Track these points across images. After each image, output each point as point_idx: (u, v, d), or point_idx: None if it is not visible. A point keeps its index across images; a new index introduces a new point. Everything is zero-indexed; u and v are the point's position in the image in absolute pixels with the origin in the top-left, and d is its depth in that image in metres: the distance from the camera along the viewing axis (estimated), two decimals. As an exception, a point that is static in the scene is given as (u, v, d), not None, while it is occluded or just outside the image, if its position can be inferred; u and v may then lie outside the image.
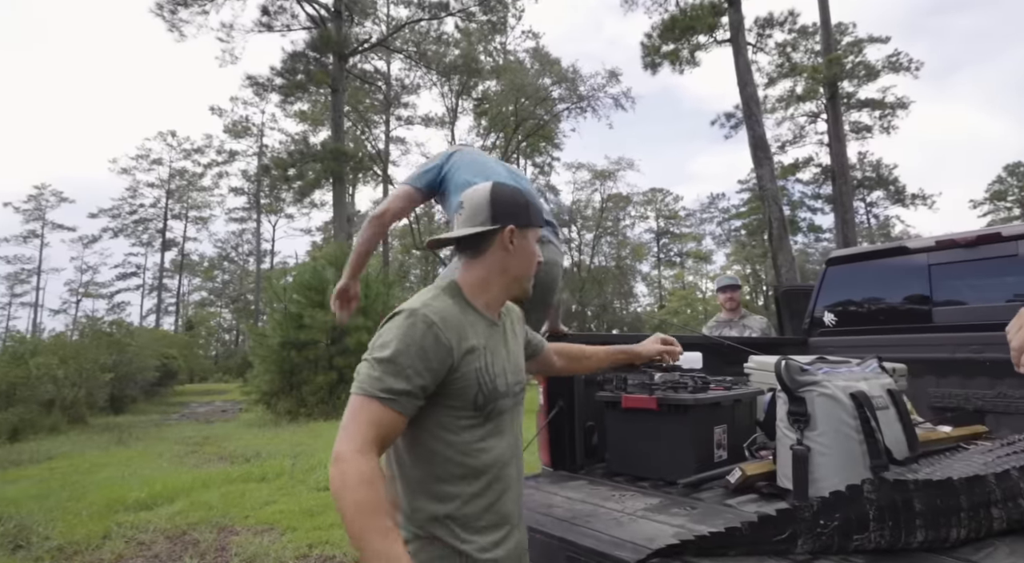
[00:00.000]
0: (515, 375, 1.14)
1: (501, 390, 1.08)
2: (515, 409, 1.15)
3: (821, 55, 20.24)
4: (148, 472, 6.07)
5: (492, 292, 1.13)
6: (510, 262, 1.12)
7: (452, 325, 1.02)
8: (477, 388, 1.03)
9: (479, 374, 1.04)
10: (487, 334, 1.09)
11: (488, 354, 1.07)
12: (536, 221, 1.17)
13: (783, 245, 14.14)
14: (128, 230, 40.39)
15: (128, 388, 15.09)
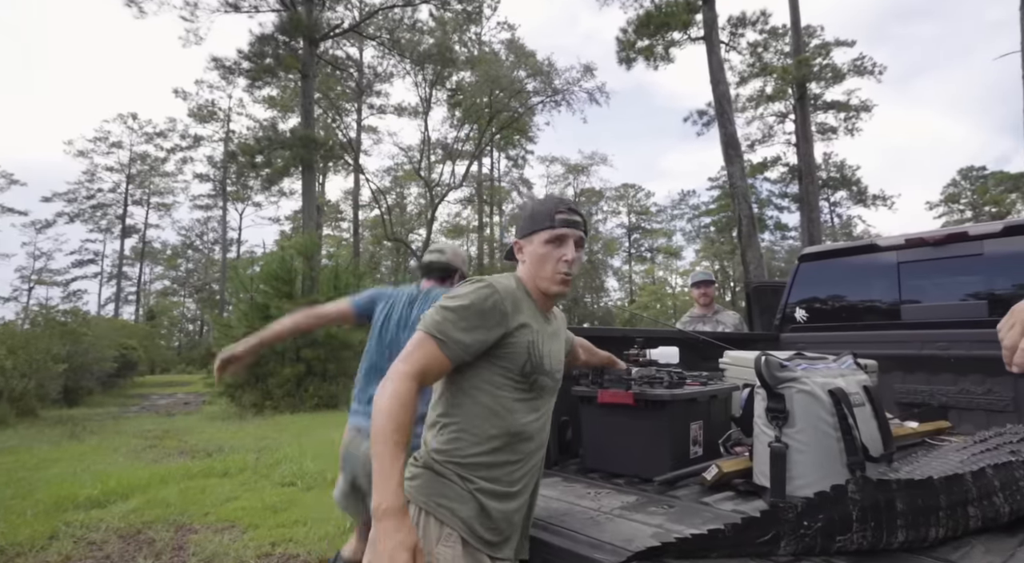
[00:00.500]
0: (558, 364, 1.30)
1: (546, 368, 1.23)
2: (552, 393, 1.28)
3: (791, 56, 20.65)
4: (102, 467, 5.81)
5: (534, 288, 1.27)
6: (528, 267, 1.28)
7: (513, 300, 1.19)
8: (527, 357, 1.18)
9: (530, 346, 1.19)
10: (540, 321, 1.25)
11: (539, 335, 1.22)
12: (536, 226, 1.27)
13: (752, 242, 14.41)
14: (85, 215, 38.72)
15: (84, 379, 14.49)
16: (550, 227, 1.25)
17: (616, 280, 43.63)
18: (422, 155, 29.01)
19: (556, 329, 1.35)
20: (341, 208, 37.35)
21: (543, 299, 1.29)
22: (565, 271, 1.24)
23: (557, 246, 1.25)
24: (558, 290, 1.25)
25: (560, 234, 1.24)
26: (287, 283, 11.67)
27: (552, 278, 1.24)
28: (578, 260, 1.27)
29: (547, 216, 1.26)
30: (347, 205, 35.17)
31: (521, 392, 1.19)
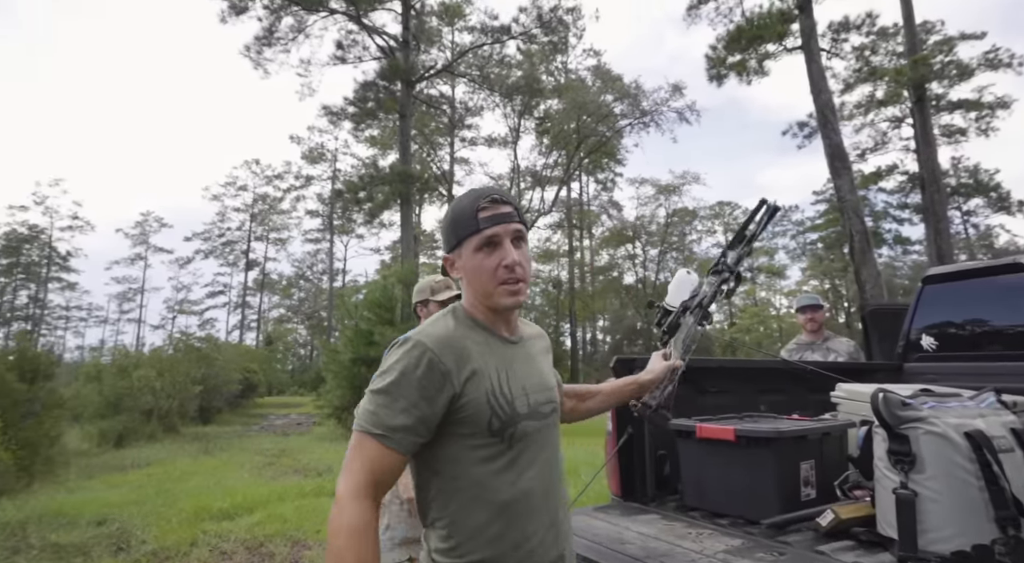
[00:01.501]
0: (542, 394, 1.05)
1: (522, 411, 0.98)
2: (545, 433, 1.04)
3: (904, 56, 18.98)
4: (231, 482, 6.40)
5: (482, 310, 1.05)
6: (467, 285, 1.05)
7: (452, 349, 0.96)
8: (491, 412, 0.95)
9: (490, 396, 0.95)
10: (500, 352, 1.02)
11: (500, 373, 0.99)
12: (460, 234, 1.03)
13: (866, 259, 13.22)
14: (217, 252, 43.63)
15: (215, 400, 16.08)
16: (475, 231, 1.00)
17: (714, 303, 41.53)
18: (512, 183, 29.72)
19: (530, 348, 1.11)
20: (436, 237, 39.01)
21: (497, 317, 1.05)
22: (509, 278, 1.00)
23: (491, 251, 1.00)
24: (510, 303, 1.01)
25: (489, 236, 0.99)
26: (388, 310, 12.31)
27: (497, 291, 1.00)
28: (526, 258, 1.03)
29: (469, 218, 1.01)
30: (442, 234, 36.60)
31: (500, 456, 0.96)
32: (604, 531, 1.49)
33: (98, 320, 46.51)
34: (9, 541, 4.12)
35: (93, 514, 4.81)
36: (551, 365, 1.17)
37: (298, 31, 19.44)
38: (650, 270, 35.97)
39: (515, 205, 1.04)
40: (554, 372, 1.20)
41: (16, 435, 6.39)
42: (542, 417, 1.03)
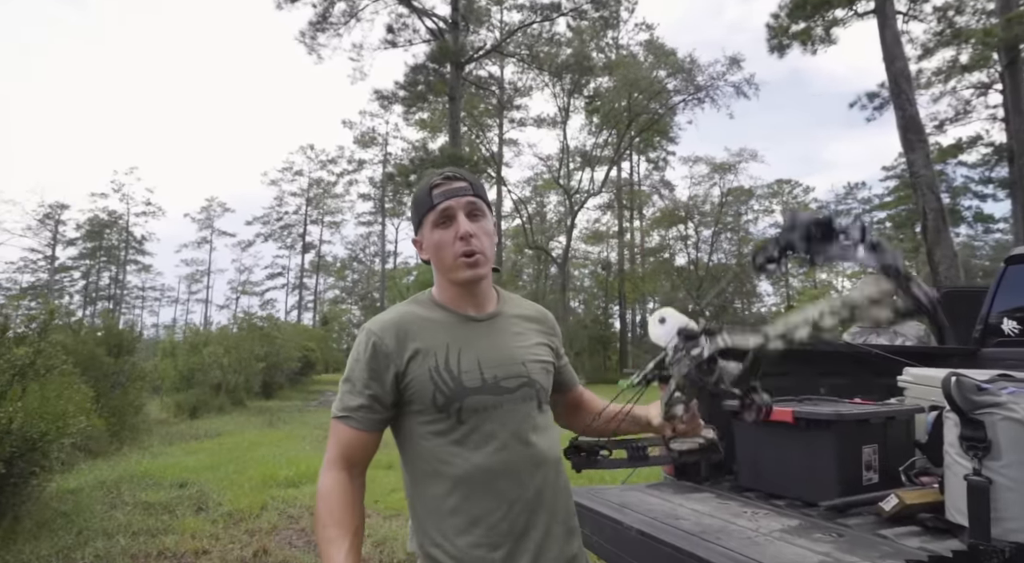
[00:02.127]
0: (504, 369, 1.02)
1: (470, 385, 0.99)
2: (509, 408, 1.01)
3: (996, 15, 17.38)
4: (293, 453, 6.78)
5: (447, 289, 1.07)
6: (432, 263, 1.07)
7: (396, 330, 1.01)
8: (433, 387, 0.98)
9: (433, 373, 0.98)
10: (458, 330, 1.04)
11: (452, 350, 1.00)
12: (420, 213, 1.06)
13: (941, 239, 12.38)
14: (275, 235, 45.55)
15: (276, 376, 16.93)
16: (430, 207, 1.03)
17: (770, 284, 40.10)
18: (561, 163, 29.43)
19: (504, 325, 1.08)
20: (485, 219, 39.18)
21: (464, 295, 1.06)
22: (464, 251, 1.00)
23: (447, 226, 1.02)
24: (467, 276, 1.01)
25: (443, 209, 1.02)
26: (439, 292, 12.52)
27: (455, 265, 1.01)
28: (484, 231, 1.04)
29: (425, 196, 1.04)
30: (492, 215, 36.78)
31: (451, 431, 0.99)
32: (659, 507, 1.51)
33: (170, 300, 49.81)
34: (107, 497, 4.54)
35: (175, 477, 5.22)
36: (538, 344, 1.11)
37: (350, 16, 19.76)
38: (703, 251, 34.97)
39: (471, 180, 1.06)
40: (565, 368, 1.20)
41: (107, 404, 6.98)
42: (503, 392, 1.01)
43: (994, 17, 17.45)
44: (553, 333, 1.18)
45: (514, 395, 1.02)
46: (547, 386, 1.10)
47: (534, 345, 1.10)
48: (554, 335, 1.18)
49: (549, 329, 1.17)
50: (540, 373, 1.07)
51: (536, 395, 1.06)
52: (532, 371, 1.06)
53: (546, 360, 1.11)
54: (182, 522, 3.96)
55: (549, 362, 1.12)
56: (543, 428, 1.06)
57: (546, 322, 1.18)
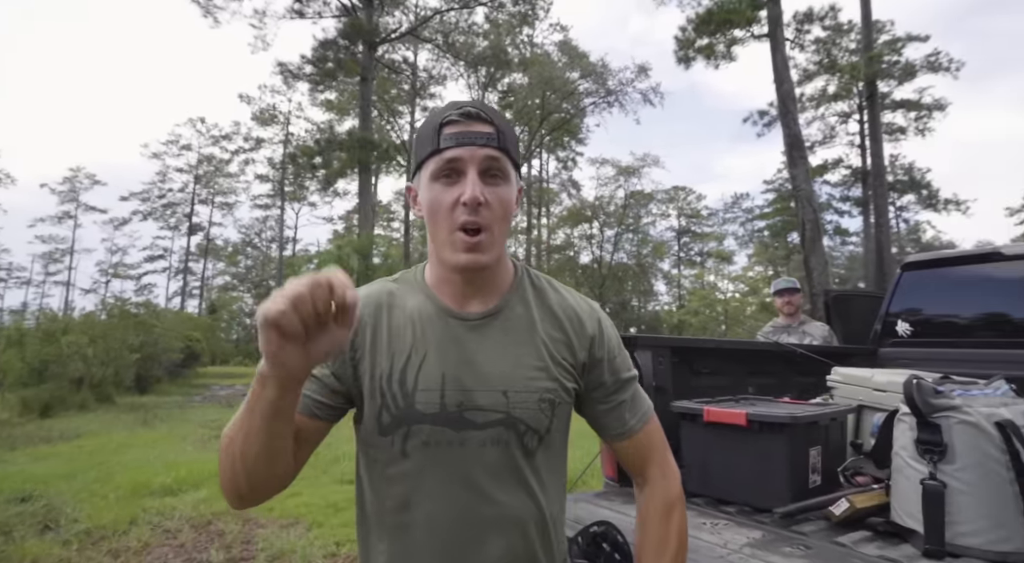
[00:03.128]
0: (471, 395, 0.74)
1: (423, 410, 0.73)
2: (469, 453, 0.74)
3: (858, 53, 19.60)
4: (173, 456, 6.05)
5: (435, 269, 0.80)
6: (427, 226, 0.77)
7: (362, 310, 0.74)
8: (380, 401, 0.74)
9: (381, 382, 0.74)
10: (434, 328, 0.76)
11: (409, 355, 0.75)
12: (419, 155, 0.77)
13: (816, 248, 13.72)
14: (157, 214, 41.11)
15: (153, 369, 15.28)
16: (434, 152, 0.74)
17: (665, 284, 42.67)
18: (473, 156, 29.23)
19: (498, 330, 0.78)
20: (392, 208, 38.13)
21: (452, 280, 0.78)
22: (464, 222, 0.72)
23: (450, 183, 0.73)
24: (461, 261, 0.73)
25: (449, 159, 0.73)
26: (343, 281, 11.92)
27: (448, 239, 0.74)
28: (500, 200, 0.74)
29: (431, 134, 0.75)
30: (399, 205, 35.87)
31: (391, 463, 0.75)
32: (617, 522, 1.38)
33: (19, 281, 43.34)
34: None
35: (15, 490, 4.41)
36: (545, 361, 0.78)
37: (252, -22, 18.19)
38: (606, 251, 36.41)
39: (500, 125, 0.75)
40: (552, 380, 0.78)
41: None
42: (466, 426, 0.74)
43: (856, 55, 19.69)
44: (582, 345, 0.81)
45: (481, 434, 0.75)
46: (542, 428, 0.77)
47: (534, 365, 0.78)
48: (582, 348, 0.81)
49: (576, 337, 0.81)
50: (531, 409, 0.76)
51: (519, 439, 0.76)
52: (517, 404, 0.76)
53: (550, 390, 0.78)
54: (20, 546, 3.29)
55: (554, 393, 0.78)
56: (520, 481, 0.76)
57: (576, 326, 0.82)
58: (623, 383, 0.85)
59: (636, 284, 37.75)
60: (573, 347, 0.81)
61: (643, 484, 0.86)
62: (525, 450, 0.77)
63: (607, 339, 0.84)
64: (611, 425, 0.84)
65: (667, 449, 0.88)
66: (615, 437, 0.85)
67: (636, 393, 0.86)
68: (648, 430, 0.86)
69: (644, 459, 0.85)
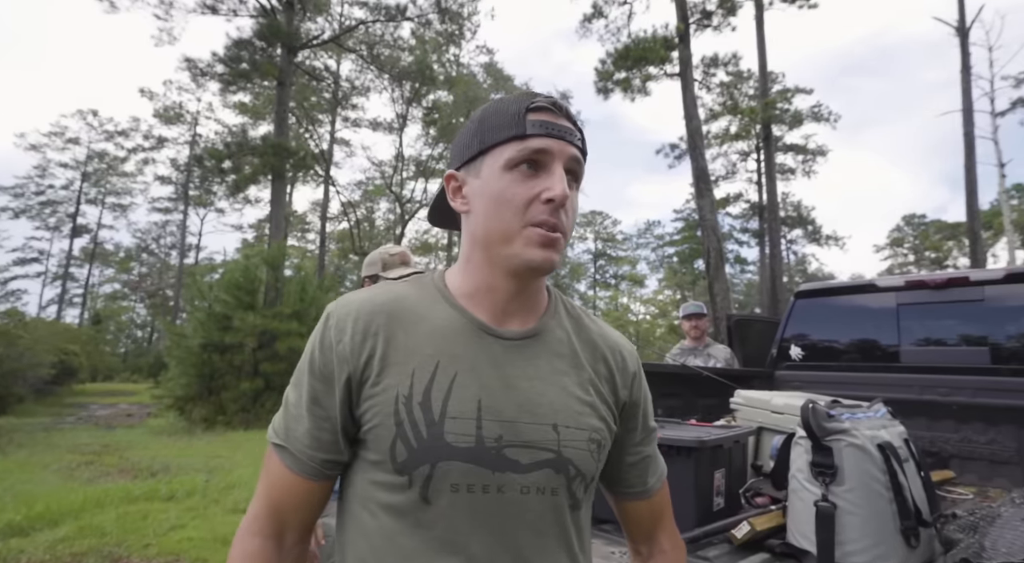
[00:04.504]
0: (516, 428, 0.62)
1: (454, 442, 0.60)
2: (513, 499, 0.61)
3: (756, 99, 21.52)
4: (28, 487, 5.28)
5: (478, 273, 0.67)
6: (474, 224, 0.67)
7: (368, 321, 0.64)
8: (395, 431, 0.60)
9: (400, 405, 0.60)
10: (460, 344, 0.64)
11: (435, 375, 0.62)
12: (489, 138, 0.66)
13: (719, 274, 14.68)
14: (32, 211, 36.73)
15: (15, 386, 13.46)
16: (518, 136, 0.64)
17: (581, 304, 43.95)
18: (395, 171, 28.78)
19: (540, 353, 0.68)
20: (308, 219, 36.61)
21: (498, 289, 0.67)
22: (545, 220, 0.63)
23: (531, 175, 0.64)
24: (535, 258, 0.63)
25: (538, 149, 0.64)
26: (250, 293, 11.19)
27: (524, 235, 0.63)
28: (574, 206, 0.67)
29: (511, 118, 0.65)
30: (315, 216, 34.52)
31: (406, 513, 0.61)
32: None
33: None
34: None
35: None
36: (591, 396, 0.68)
37: (159, -35, 17.01)
38: (526, 270, 36.95)
39: (580, 128, 0.68)
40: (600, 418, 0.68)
41: None
42: (508, 467, 0.61)
43: (754, 100, 21.67)
44: (624, 383, 0.72)
45: (526, 477, 0.61)
46: (590, 474, 0.66)
47: (584, 399, 0.67)
48: (624, 386, 0.72)
49: (619, 374, 0.72)
50: (581, 450, 0.65)
51: (567, 486, 0.64)
52: (568, 442, 0.64)
53: (597, 429, 0.67)
54: None
55: (601, 433, 0.67)
56: (564, 542, 0.64)
57: (618, 362, 0.72)
58: (651, 433, 0.78)
59: (554, 304, 38.54)
60: (616, 385, 0.71)
61: (650, 555, 0.78)
62: (573, 500, 0.65)
63: (643, 380, 0.76)
64: (632, 481, 0.76)
65: (672, 517, 0.81)
66: (633, 496, 0.76)
67: (656, 449, 0.80)
68: (664, 492, 0.79)
69: (656, 525, 0.78)
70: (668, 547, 0.78)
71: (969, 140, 15.50)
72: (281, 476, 0.64)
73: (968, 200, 15.41)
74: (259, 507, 0.65)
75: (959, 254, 32.32)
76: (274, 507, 0.64)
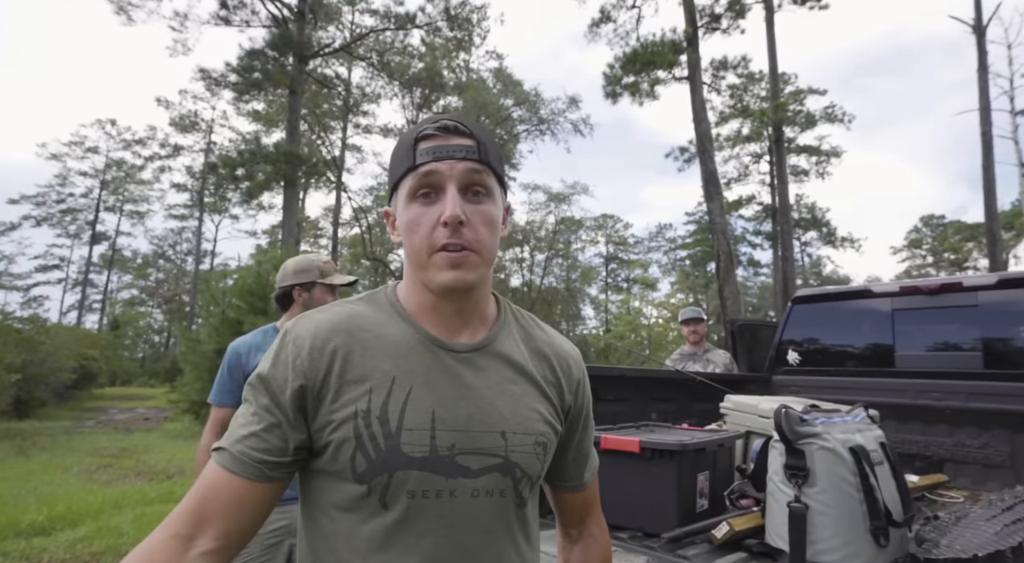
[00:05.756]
0: (468, 437, 0.67)
1: (410, 453, 0.65)
2: (461, 503, 0.66)
3: (768, 101, 21.42)
4: (50, 489, 5.45)
5: (416, 292, 0.72)
6: (405, 244, 0.71)
7: (325, 340, 0.67)
8: (355, 445, 0.64)
9: (359, 420, 0.64)
10: (413, 359, 0.69)
11: (391, 390, 0.66)
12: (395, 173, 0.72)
13: (730, 278, 14.62)
14: (54, 220, 37.56)
15: (37, 390, 13.78)
16: (409, 168, 0.69)
17: (592, 308, 43.86)
18: (406, 176, 29.03)
19: (489, 364, 0.72)
20: (321, 225, 36.98)
21: (436, 305, 0.71)
22: (446, 243, 0.67)
23: (429, 201, 0.68)
24: (446, 280, 0.67)
25: (425, 173, 0.68)
26: (261, 299, 11.34)
27: (431, 262, 0.68)
28: (484, 219, 0.69)
29: (405, 151, 0.70)
30: (327, 222, 34.86)
31: (367, 519, 0.65)
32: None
33: None
34: None
35: None
36: (538, 403, 0.74)
37: (175, -20, 17.37)
38: (536, 274, 36.98)
39: (480, 137, 0.70)
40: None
41: None
42: (460, 473, 0.66)
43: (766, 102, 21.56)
44: (570, 388, 0.78)
45: (476, 481, 0.67)
46: (535, 475, 0.72)
47: (531, 405, 0.72)
48: (570, 391, 0.78)
49: (564, 380, 0.78)
50: (528, 453, 0.70)
51: (514, 487, 0.69)
52: (515, 448, 0.69)
53: (543, 433, 0.72)
54: None
55: (547, 437, 0.73)
56: (510, 537, 0.69)
57: (564, 369, 0.78)
58: (590, 433, 0.84)
59: (565, 308, 38.52)
60: (562, 390, 0.77)
61: (578, 538, 0.86)
62: (519, 500, 0.70)
63: (587, 385, 0.82)
64: (571, 476, 0.82)
65: (600, 504, 0.89)
66: (569, 488, 0.83)
67: (592, 446, 0.87)
68: (595, 484, 0.87)
69: (587, 512, 0.86)
70: (596, 531, 0.86)
71: (987, 139, 15.30)
72: (213, 475, 0.64)
73: (986, 200, 15.20)
74: (180, 507, 0.64)
75: (979, 255, 31.75)
76: (195, 506, 0.63)
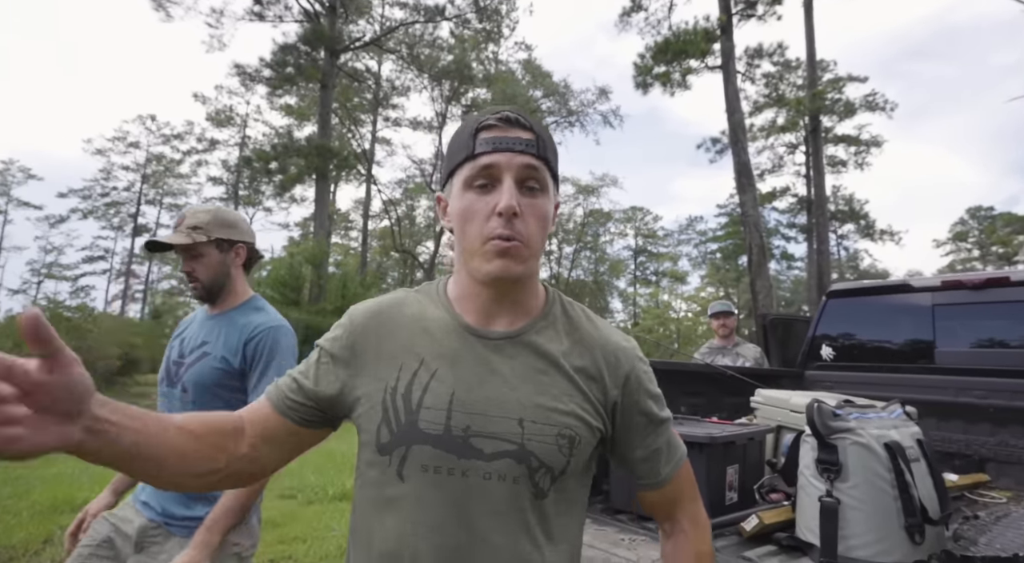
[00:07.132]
0: (482, 420, 0.69)
1: (426, 429, 0.69)
2: (470, 484, 0.68)
3: (804, 89, 20.78)
4: (101, 469, 5.70)
5: (463, 280, 0.76)
6: (455, 238, 0.75)
7: (367, 323, 0.77)
8: (382, 416, 0.70)
9: (386, 395, 0.71)
10: (444, 343, 0.73)
11: (418, 370, 0.72)
12: (451, 161, 0.75)
13: (762, 271, 14.33)
14: (99, 212, 39.11)
15: (86, 377, 14.43)
16: (468, 157, 0.71)
17: (620, 301, 43.51)
18: (434, 169, 29.21)
19: (520, 355, 0.73)
20: (351, 217, 37.57)
21: (478, 294, 0.75)
22: (499, 233, 0.68)
23: (485, 191, 0.71)
24: (493, 269, 0.69)
25: (484, 165, 0.70)
26: (294, 289, 11.67)
27: (480, 249, 0.70)
28: (536, 213, 0.71)
29: (464, 140, 0.73)
30: (357, 214, 35.41)
31: (384, 486, 0.71)
32: None
33: (-62, 279, 40.28)
34: None
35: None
36: (570, 397, 0.72)
37: (212, -23, 17.80)
38: (564, 267, 36.87)
39: (540, 132, 0.72)
40: (575, 418, 0.72)
41: None
42: (472, 454, 0.68)
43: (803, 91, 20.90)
44: (615, 383, 0.76)
45: (489, 465, 0.68)
46: (557, 467, 0.71)
47: (558, 397, 0.72)
48: (615, 386, 0.75)
49: (608, 374, 0.75)
50: (547, 444, 0.70)
51: (529, 476, 0.69)
52: (532, 436, 0.69)
53: (571, 426, 0.71)
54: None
55: (575, 429, 0.72)
56: (524, 526, 0.69)
57: (610, 362, 0.76)
58: (659, 426, 0.79)
59: (593, 301, 38.31)
60: (604, 383, 0.75)
61: (671, 532, 0.83)
62: (536, 490, 0.70)
63: (643, 378, 0.78)
64: (644, 473, 0.80)
65: (698, 497, 0.84)
66: (645, 486, 0.81)
67: (671, 438, 0.81)
68: (680, 477, 0.82)
69: (675, 507, 0.82)
70: (688, 527, 0.82)
71: (1038, 127, 14.51)
72: (261, 401, 0.77)
73: (1036, 191, 14.45)
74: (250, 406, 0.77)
75: (1032, 248, 30.31)
76: (247, 416, 0.75)
